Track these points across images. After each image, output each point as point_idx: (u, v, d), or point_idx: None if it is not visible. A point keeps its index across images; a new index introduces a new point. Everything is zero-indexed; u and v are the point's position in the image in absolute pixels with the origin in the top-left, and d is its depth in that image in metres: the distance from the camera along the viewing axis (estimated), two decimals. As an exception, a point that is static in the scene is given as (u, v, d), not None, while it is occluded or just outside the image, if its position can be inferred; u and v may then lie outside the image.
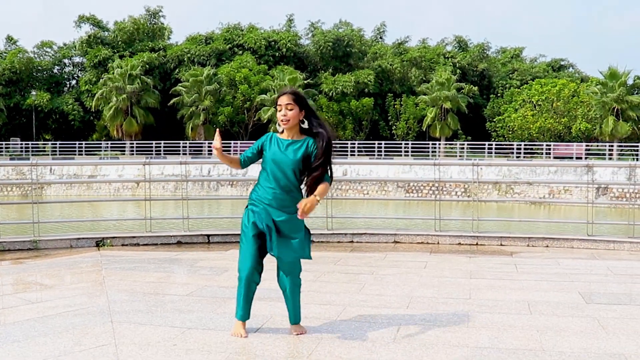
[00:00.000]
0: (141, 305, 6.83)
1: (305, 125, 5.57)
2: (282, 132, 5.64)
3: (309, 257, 5.96)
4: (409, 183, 45.88)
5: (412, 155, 60.39)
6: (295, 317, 5.88)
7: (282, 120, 5.53)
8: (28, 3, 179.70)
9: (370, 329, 5.95)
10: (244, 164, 5.76)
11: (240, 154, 5.82)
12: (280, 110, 5.52)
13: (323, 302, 6.99)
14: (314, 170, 5.53)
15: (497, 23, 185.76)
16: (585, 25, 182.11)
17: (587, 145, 56.39)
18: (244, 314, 5.68)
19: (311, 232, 11.21)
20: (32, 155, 64.43)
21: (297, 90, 5.65)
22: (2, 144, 66.31)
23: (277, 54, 74.80)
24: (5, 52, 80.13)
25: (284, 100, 5.50)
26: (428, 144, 62.02)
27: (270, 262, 5.95)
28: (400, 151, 60.56)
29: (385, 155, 59.96)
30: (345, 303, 6.96)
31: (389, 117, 71.01)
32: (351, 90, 69.28)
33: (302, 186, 5.64)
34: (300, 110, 5.52)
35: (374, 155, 60.22)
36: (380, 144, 60.58)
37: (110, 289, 7.52)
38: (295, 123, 5.54)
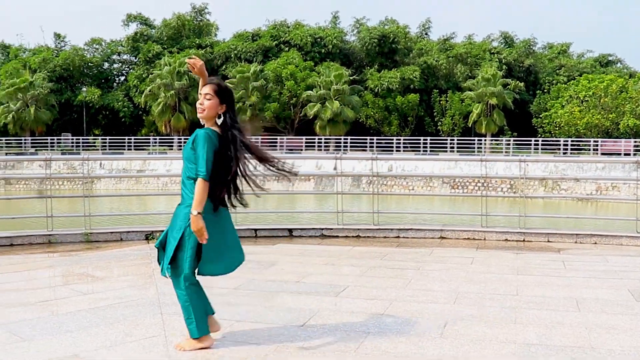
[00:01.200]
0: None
1: (220, 121, 5.15)
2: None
3: (164, 274, 5.13)
4: (454, 179, 45.61)
5: (457, 152, 59.96)
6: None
7: (197, 109, 5.19)
8: (75, 1, 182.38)
9: (417, 323, 5.90)
10: None
11: (287, 150, 5.74)
12: (199, 99, 5.22)
13: (369, 297, 6.96)
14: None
15: (544, 18, 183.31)
16: (634, 19, 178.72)
17: (635, 142, 55.30)
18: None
19: (356, 227, 11.17)
20: (83, 150, 65.38)
21: (222, 82, 5.33)
22: (53, 139, 67.39)
23: (323, 50, 74.80)
24: (55, 50, 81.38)
25: (205, 89, 5.21)
26: (474, 140, 61.48)
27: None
28: (446, 147, 60.12)
29: (430, 151, 59.58)
30: (391, 298, 6.92)
31: (435, 113, 70.55)
32: (397, 86, 69.01)
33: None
34: (220, 104, 5.15)
35: (419, 151, 59.87)
36: (426, 140, 60.21)
37: (159, 281, 7.58)
38: (210, 115, 5.13)
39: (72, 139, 69.29)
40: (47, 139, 66.79)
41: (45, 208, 11.71)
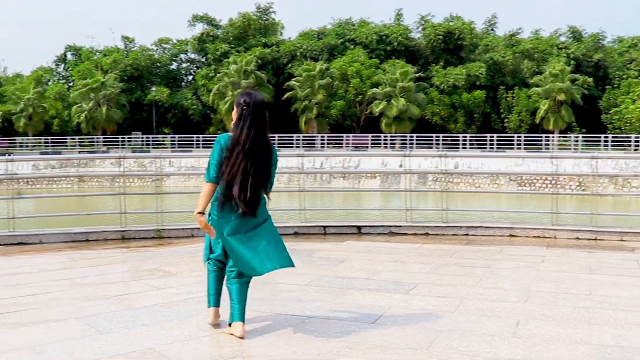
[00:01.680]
0: (260, 293, 6.91)
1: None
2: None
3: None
4: (521, 176, 44.92)
5: (524, 148, 59.07)
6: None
7: None
8: (142, 4, 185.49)
9: (489, 322, 5.83)
10: None
11: (352, 147, 5.75)
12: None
13: (440, 295, 6.90)
14: None
15: (614, 12, 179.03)
16: None
17: None
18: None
19: (425, 225, 11.13)
20: (153, 148, 66.48)
21: (241, 91, 5.54)
22: (124, 138, 68.79)
23: (388, 47, 74.61)
24: (125, 51, 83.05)
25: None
26: (541, 136, 60.51)
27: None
28: (513, 144, 59.31)
29: (497, 148, 58.85)
30: (462, 296, 6.86)
31: (501, 110, 69.66)
32: (462, 83, 68.40)
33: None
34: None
35: (485, 148, 59.19)
36: (492, 136, 59.51)
37: (231, 277, 7.64)
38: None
39: (142, 138, 70.60)
40: (118, 138, 68.29)
41: (118, 205, 11.94)
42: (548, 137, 61.05)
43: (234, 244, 5.27)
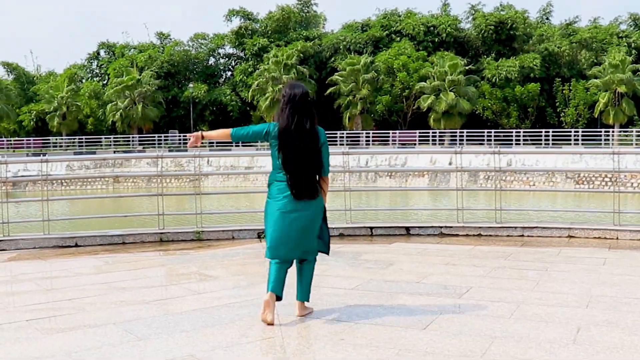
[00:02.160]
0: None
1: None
2: None
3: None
4: (579, 174, 44.38)
5: (582, 144, 58.28)
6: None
7: None
8: (176, 1, 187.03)
9: (547, 328, 5.76)
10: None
11: (399, 144, 6.28)
12: None
13: (494, 299, 6.84)
14: None
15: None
16: None
17: None
18: None
19: (478, 225, 11.09)
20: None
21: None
22: (161, 137, 69.35)
23: (436, 39, 74.16)
24: (161, 46, 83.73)
25: None
26: (600, 131, 59.60)
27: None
28: (570, 139, 58.55)
29: (552, 144, 58.17)
30: (518, 300, 6.78)
31: (557, 103, 68.78)
32: (515, 75, 67.68)
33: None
34: None
35: (540, 144, 58.55)
36: (548, 132, 58.81)
37: (274, 281, 7.67)
38: None
39: (180, 136, 71.11)
40: (154, 136, 68.89)
41: (156, 206, 12.05)
42: (607, 132, 60.09)
43: (273, 218, 6.09)
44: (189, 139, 6.43)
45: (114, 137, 71.37)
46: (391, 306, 6.57)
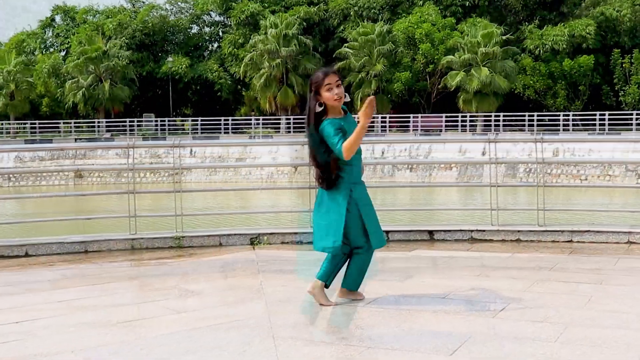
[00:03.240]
0: (308, 317, 6.93)
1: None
2: (325, 110, 7.05)
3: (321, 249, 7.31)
4: (641, 166, 44.36)
5: (646, 130, 58.33)
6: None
7: (337, 99, 7.01)
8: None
9: (602, 355, 5.75)
10: None
11: (422, 131, 6.97)
12: (331, 89, 6.98)
13: (536, 319, 6.84)
14: None
15: None
16: None
17: None
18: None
19: (516, 229, 11.10)
20: (169, 134, 67.08)
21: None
22: (133, 122, 69.06)
23: (467, 3, 74.14)
24: (134, 11, 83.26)
25: (333, 79, 7.02)
26: (669, 114, 59.64)
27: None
28: (631, 124, 58.58)
29: (609, 129, 58.19)
30: (566, 321, 6.78)
31: (615, 80, 68.76)
32: (564, 46, 67.65)
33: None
34: None
35: (594, 129, 58.60)
36: (603, 114, 58.84)
37: (269, 297, 7.68)
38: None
39: (156, 121, 71.06)
40: (125, 121, 68.82)
41: (126, 206, 12.04)
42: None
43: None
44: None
45: (75, 122, 71.30)
46: (411, 327, 6.57)
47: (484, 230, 12.05)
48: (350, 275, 7.32)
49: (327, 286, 7.23)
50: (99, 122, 71.13)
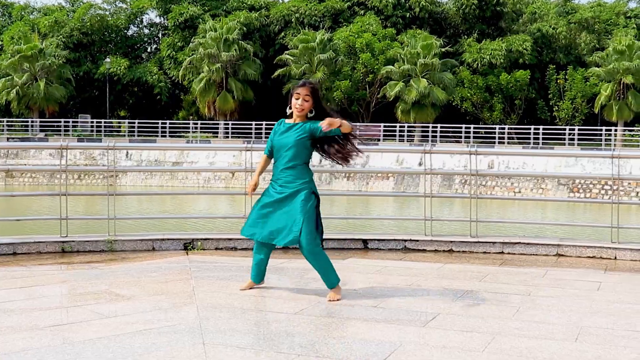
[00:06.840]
0: (240, 323, 6.92)
1: (310, 115, 8.08)
2: (290, 116, 8.13)
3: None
4: (574, 180, 45.05)
5: (578, 145, 59.19)
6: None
7: (297, 109, 7.95)
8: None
9: (528, 365, 5.84)
10: (270, 154, 8.31)
11: (359, 139, 8.93)
12: (297, 99, 7.93)
13: (466, 329, 6.91)
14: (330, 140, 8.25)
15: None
16: None
17: None
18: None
19: (449, 240, 11.20)
20: (105, 136, 66.48)
21: (316, 84, 8.37)
22: (68, 122, 68.33)
23: (408, 14, 74.60)
24: (71, 11, 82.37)
25: (303, 91, 7.94)
26: (601, 129, 60.52)
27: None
28: (564, 139, 59.43)
29: (543, 143, 58.98)
30: (494, 331, 6.86)
31: (550, 95, 69.64)
32: (501, 60, 68.38)
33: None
34: (312, 104, 8.02)
35: (529, 143, 59.31)
36: (538, 129, 59.57)
37: (201, 303, 7.65)
38: (305, 113, 8.02)
39: (92, 122, 70.38)
40: (60, 122, 67.99)
41: (58, 208, 11.92)
42: (609, 130, 61.07)
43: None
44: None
45: (8, 121, 70.27)
46: (342, 335, 6.60)
47: (417, 240, 12.13)
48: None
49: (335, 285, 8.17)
50: (32, 122, 70.22)
